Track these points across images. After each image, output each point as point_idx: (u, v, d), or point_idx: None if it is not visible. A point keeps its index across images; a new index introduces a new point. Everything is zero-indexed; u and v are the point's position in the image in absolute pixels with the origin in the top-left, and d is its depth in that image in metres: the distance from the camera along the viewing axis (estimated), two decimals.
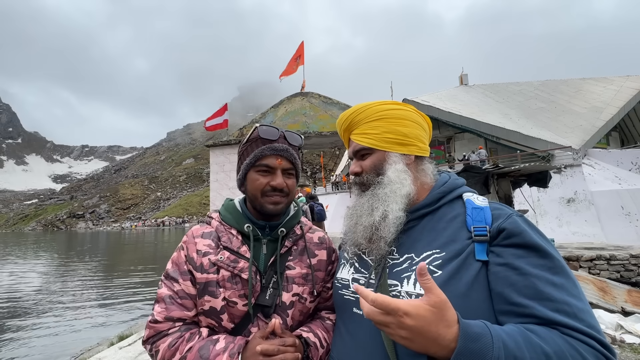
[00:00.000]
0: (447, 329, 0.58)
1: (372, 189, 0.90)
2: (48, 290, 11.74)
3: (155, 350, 0.90)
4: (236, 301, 0.93)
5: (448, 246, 0.78)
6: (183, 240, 1.04)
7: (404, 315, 0.58)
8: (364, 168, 0.94)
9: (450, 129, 22.52)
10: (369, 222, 0.86)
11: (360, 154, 0.95)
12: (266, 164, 1.00)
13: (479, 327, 0.60)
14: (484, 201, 0.83)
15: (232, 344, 0.87)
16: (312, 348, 0.94)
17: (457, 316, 0.60)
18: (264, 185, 0.99)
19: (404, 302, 0.59)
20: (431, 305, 0.59)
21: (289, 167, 1.03)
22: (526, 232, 0.73)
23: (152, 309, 0.95)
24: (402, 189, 0.86)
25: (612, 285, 6.17)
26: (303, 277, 1.03)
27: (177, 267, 0.98)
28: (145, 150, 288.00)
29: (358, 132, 0.94)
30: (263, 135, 1.01)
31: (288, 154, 1.02)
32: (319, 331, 0.99)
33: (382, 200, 0.86)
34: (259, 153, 1.00)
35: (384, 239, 0.84)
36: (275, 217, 1.06)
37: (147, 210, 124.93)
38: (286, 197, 1.02)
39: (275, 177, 1.00)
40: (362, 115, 0.94)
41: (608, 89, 21.47)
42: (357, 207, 0.93)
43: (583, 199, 13.00)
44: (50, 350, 6.32)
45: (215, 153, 15.55)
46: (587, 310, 0.65)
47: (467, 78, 28.81)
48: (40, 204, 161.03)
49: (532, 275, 0.67)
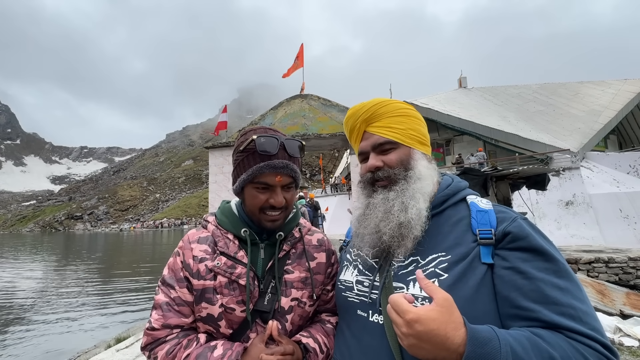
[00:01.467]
0: (455, 332, 0.59)
1: (401, 185, 0.85)
2: (45, 292, 11.67)
3: (153, 357, 0.89)
4: (234, 307, 0.92)
5: (454, 249, 0.77)
6: (179, 245, 1.02)
7: (414, 322, 0.59)
8: (387, 162, 0.88)
9: (449, 131, 22.58)
10: (405, 219, 0.81)
11: (383, 147, 0.89)
12: (265, 182, 0.95)
13: (487, 332, 0.60)
14: (488, 204, 0.83)
15: (230, 351, 0.86)
16: (312, 354, 0.93)
17: (463, 319, 0.61)
18: (263, 202, 0.96)
19: (414, 308, 0.60)
20: (439, 305, 0.60)
21: (289, 182, 0.99)
22: (531, 235, 0.73)
23: (150, 316, 0.94)
24: (429, 186, 0.86)
25: (610, 288, 6.17)
26: (302, 281, 1.01)
27: (174, 274, 0.97)
28: (144, 152, 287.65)
29: (380, 125, 0.89)
30: (260, 149, 0.92)
31: (287, 170, 0.96)
32: (318, 336, 0.98)
33: (414, 197, 0.83)
34: (257, 171, 0.94)
35: (414, 238, 0.81)
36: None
37: (145, 211, 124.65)
38: (285, 210, 1.00)
39: (274, 194, 0.96)
40: (386, 108, 0.90)
41: (606, 92, 21.59)
42: (379, 205, 0.87)
43: (581, 202, 13.03)
44: (47, 353, 6.28)
45: (214, 155, 15.54)
46: (591, 314, 0.65)
47: (466, 81, 28.93)
48: (39, 205, 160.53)
49: (537, 279, 0.68)
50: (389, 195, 0.86)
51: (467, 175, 6.35)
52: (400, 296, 0.64)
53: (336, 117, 15.47)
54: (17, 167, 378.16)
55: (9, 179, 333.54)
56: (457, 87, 28.92)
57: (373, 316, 0.82)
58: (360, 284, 0.89)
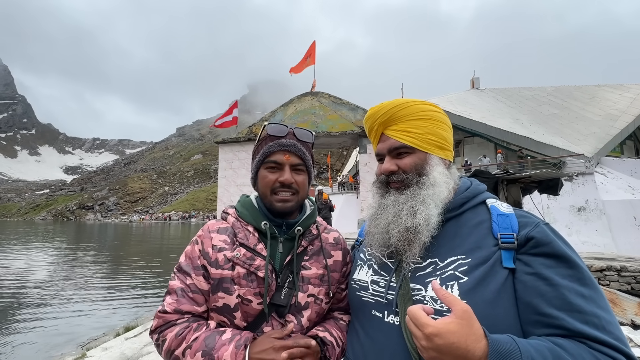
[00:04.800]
0: (475, 344, 0.58)
1: (413, 189, 0.85)
2: (56, 280, 11.94)
3: (162, 339, 0.90)
4: (251, 299, 0.93)
5: (474, 252, 0.77)
6: (198, 234, 1.03)
7: (434, 336, 0.59)
8: (401, 167, 0.88)
9: (460, 132, 22.30)
10: (412, 224, 0.82)
11: (398, 151, 0.89)
12: (274, 160, 0.99)
13: (508, 343, 0.60)
14: (508, 208, 0.82)
15: (238, 336, 0.87)
16: (330, 347, 0.93)
17: (483, 330, 0.61)
18: (273, 182, 0.98)
19: (434, 321, 0.60)
20: (459, 318, 0.59)
21: (298, 163, 1.01)
22: (555, 242, 0.72)
23: (163, 300, 0.96)
24: (443, 192, 0.85)
25: (622, 297, 6.03)
26: (319, 277, 1.02)
27: (191, 262, 0.98)
28: (155, 145, 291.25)
29: (398, 129, 0.88)
30: (271, 132, 1.01)
31: (296, 149, 1.00)
32: (334, 330, 0.99)
33: (424, 203, 0.83)
34: (267, 150, 1.00)
35: (422, 243, 0.81)
36: (292, 215, 1.05)
37: (154, 204, 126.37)
38: (296, 194, 1.00)
39: (283, 173, 0.99)
40: (405, 111, 0.88)
41: (624, 97, 21.05)
42: (389, 207, 0.87)
43: (594, 208, 12.77)
44: (57, 339, 6.41)
45: (224, 150, 15.64)
46: (614, 323, 0.65)
47: (478, 82, 28.51)
48: (51, 195, 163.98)
49: (561, 286, 0.67)
50: (399, 198, 0.86)
51: (477, 178, 6.24)
52: (418, 308, 0.64)
53: (346, 115, 15.40)
54: (32, 157, 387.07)
55: (23, 167, 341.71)
56: (470, 87, 28.51)
57: (389, 317, 0.82)
58: (376, 284, 0.89)
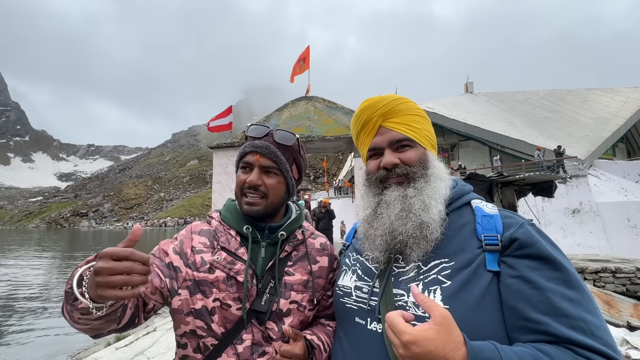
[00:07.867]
0: (454, 352, 0.55)
1: (420, 183, 0.81)
2: (46, 289, 11.74)
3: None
4: (230, 304, 0.90)
5: (457, 255, 0.74)
6: (180, 233, 1.01)
7: (411, 344, 0.56)
8: (404, 160, 0.84)
9: (455, 136, 22.49)
10: (427, 219, 0.77)
11: (401, 144, 0.85)
12: (246, 161, 0.98)
13: (489, 351, 0.57)
14: (493, 209, 0.80)
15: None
16: (317, 351, 0.91)
17: (463, 337, 0.57)
18: (243, 182, 0.97)
19: (411, 328, 0.57)
20: (438, 324, 0.56)
21: (269, 165, 0.97)
22: (540, 242, 0.69)
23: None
24: (446, 188, 0.83)
25: (617, 298, 6.05)
26: (303, 284, 0.99)
27: (159, 252, 0.96)
28: (150, 151, 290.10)
29: (399, 122, 0.85)
30: (248, 133, 1.00)
31: (267, 150, 0.96)
32: (321, 335, 0.97)
33: (433, 197, 0.79)
34: (242, 150, 1.00)
35: (434, 240, 0.77)
36: (273, 219, 1.03)
37: (149, 210, 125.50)
38: (265, 197, 0.96)
39: (251, 173, 0.96)
40: (404, 106, 0.87)
41: (615, 100, 21.39)
42: (394, 203, 0.82)
43: (588, 210, 12.87)
44: (47, 349, 6.27)
45: (218, 155, 15.58)
46: (603, 327, 0.61)
47: (472, 86, 28.84)
48: (45, 202, 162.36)
49: (547, 289, 0.64)
50: (407, 192, 0.81)
51: (472, 181, 6.29)
52: (397, 314, 0.61)
53: (341, 119, 15.44)
54: (25, 164, 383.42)
55: (16, 175, 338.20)
56: (464, 91, 28.81)
57: (371, 324, 0.78)
58: (359, 290, 0.86)
